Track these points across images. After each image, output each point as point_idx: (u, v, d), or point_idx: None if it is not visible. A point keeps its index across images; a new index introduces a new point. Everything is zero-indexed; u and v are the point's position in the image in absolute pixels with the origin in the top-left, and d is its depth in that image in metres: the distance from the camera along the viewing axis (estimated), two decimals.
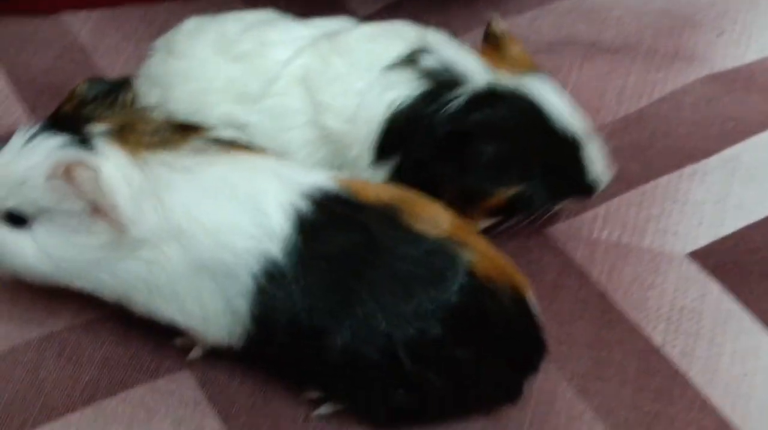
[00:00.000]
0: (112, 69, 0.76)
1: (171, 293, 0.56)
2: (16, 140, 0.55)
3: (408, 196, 0.56)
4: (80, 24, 0.78)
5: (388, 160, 0.59)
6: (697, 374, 0.59)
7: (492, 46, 0.61)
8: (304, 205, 0.54)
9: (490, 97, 0.57)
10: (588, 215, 0.66)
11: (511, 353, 0.57)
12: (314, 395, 0.59)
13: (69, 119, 0.56)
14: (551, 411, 0.59)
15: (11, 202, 0.54)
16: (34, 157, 0.53)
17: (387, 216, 0.55)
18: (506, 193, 0.59)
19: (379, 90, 0.59)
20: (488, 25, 0.62)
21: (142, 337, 0.62)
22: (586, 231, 0.65)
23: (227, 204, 0.54)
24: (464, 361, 0.55)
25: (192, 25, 0.65)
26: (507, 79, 0.58)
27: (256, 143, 0.59)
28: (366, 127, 0.58)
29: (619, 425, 0.58)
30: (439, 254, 0.54)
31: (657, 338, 0.61)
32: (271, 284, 0.54)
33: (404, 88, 0.58)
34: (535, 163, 0.59)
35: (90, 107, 0.56)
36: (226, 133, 0.58)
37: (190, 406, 0.59)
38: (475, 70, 0.58)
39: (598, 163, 0.59)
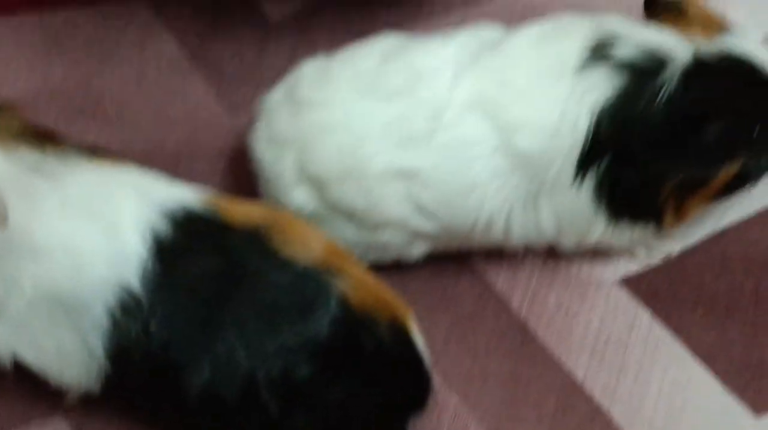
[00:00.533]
0: (4, 79, 0.75)
1: (20, 325, 0.54)
2: None
3: (280, 216, 0.55)
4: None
5: (594, 171, 0.56)
6: (619, 412, 0.58)
7: (672, 13, 0.58)
8: (164, 226, 0.53)
9: (703, 70, 0.55)
10: None
11: (392, 390, 0.56)
12: None
13: None
14: None
15: None
16: None
17: (254, 239, 0.53)
18: (732, 170, 0.57)
19: (579, 94, 0.56)
20: None
21: (16, 381, 0.59)
22: (509, 254, 0.63)
23: (82, 222, 0.53)
24: (337, 402, 0.54)
25: (313, 68, 0.60)
26: (709, 46, 0.56)
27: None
28: (571, 138, 0.55)
29: None
30: (308, 282, 0.53)
31: (579, 372, 0.60)
32: (126, 316, 0.52)
33: (605, 86, 0.56)
34: (758, 128, 0.57)
35: None
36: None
37: None
38: (674, 46, 0.56)
39: None
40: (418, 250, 0.60)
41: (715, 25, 0.57)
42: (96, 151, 0.56)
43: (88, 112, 0.74)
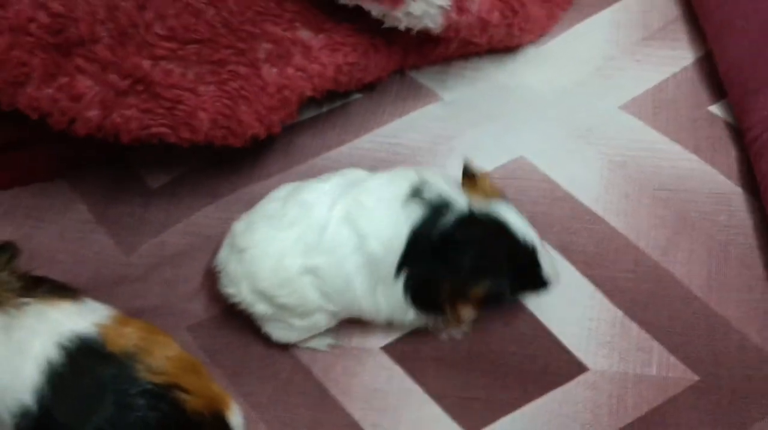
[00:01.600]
0: None
1: None
2: None
3: (150, 340, 0.56)
4: None
5: (404, 272, 0.63)
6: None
7: (469, 180, 0.65)
8: (58, 356, 0.53)
9: (471, 219, 0.62)
10: None
11: None
12: None
13: None
14: None
15: None
16: None
17: (123, 365, 0.54)
18: (483, 288, 0.62)
19: (403, 218, 0.62)
20: (464, 166, 0.66)
21: None
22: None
23: (8, 354, 0.54)
24: None
25: (241, 224, 0.66)
26: (481, 206, 0.63)
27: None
28: (397, 246, 0.62)
29: None
30: (155, 399, 0.53)
31: (357, 414, 0.63)
32: (24, 420, 0.53)
33: (416, 214, 0.62)
34: (503, 265, 0.62)
35: None
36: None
37: None
38: (458, 199, 0.63)
39: (549, 266, 0.63)
40: (332, 323, 0.66)
41: (493, 195, 0.64)
42: (40, 284, 0.57)
43: (29, 259, 0.65)
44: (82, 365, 0.54)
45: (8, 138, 0.75)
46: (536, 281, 0.64)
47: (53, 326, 0.55)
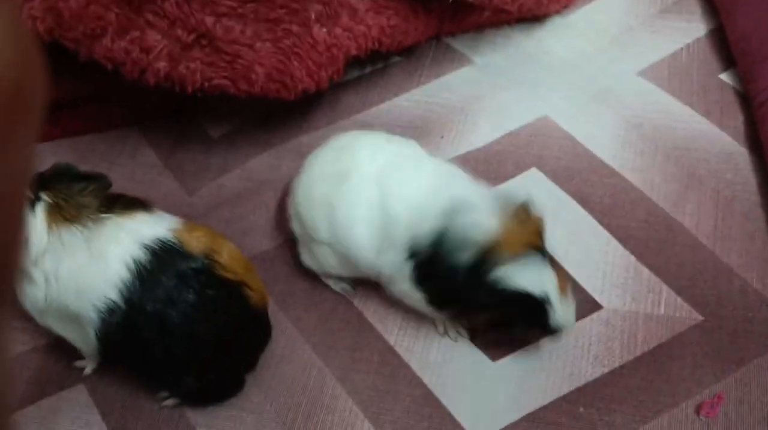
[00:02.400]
0: None
1: (52, 314, 0.56)
2: None
3: (217, 242, 0.57)
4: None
5: (416, 263, 0.58)
6: (416, 362, 0.62)
7: (519, 218, 0.56)
8: (142, 254, 0.54)
9: (493, 262, 0.55)
10: None
11: (254, 333, 0.59)
12: (164, 394, 0.60)
13: (37, 180, 0.55)
14: (320, 397, 0.60)
15: None
16: None
17: (203, 261, 0.55)
18: (492, 319, 0.58)
19: (434, 211, 0.56)
20: (524, 203, 0.57)
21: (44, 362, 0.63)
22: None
23: (91, 261, 0.54)
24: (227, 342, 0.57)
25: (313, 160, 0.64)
26: (511, 253, 0.55)
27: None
28: (419, 224, 0.57)
29: (363, 401, 0.60)
30: (228, 289, 0.55)
31: (392, 339, 0.63)
32: (109, 315, 0.54)
33: (446, 222, 0.56)
34: (514, 312, 0.56)
35: (55, 181, 0.56)
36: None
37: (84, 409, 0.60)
38: (490, 228, 0.55)
39: (563, 314, 0.56)
40: (343, 271, 0.63)
41: (532, 241, 0.56)
42: (116, 201, 0.56)
43: None
44: (165, 262, 0.54)
45: (86, 91, 0.75)
46: (546, 327, 0.57)
47: (134, 232, 0.55)
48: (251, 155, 0.76)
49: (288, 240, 0.70)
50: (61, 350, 0.62)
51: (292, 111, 0.78)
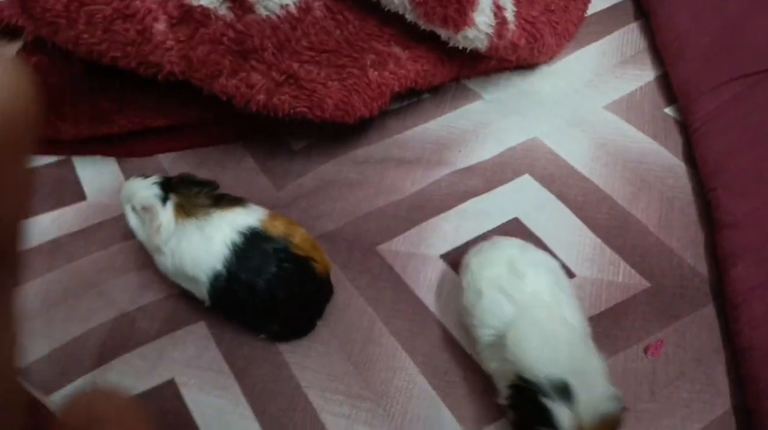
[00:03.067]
0: None
1: (178, 276, 0.58)
2: (145, 180, 0.58)
3: (292, 228, 0.57)
4: (166, 160, 0.78)
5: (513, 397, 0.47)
6: (439, 312, 0.61)
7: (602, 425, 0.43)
8: (238, 239, 0.55)
9: None
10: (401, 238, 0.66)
11: (319, 293, 0.59)
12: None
13: (168, 184, 0.57)
14: (370, 335, 0.60)
15: (136, 205, 0.58)
16: (145, 191, 0.57)
17: (282, 242, 0.56)
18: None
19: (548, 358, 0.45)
20: (613, 412, 0.43)
21: (175, 306, 0.63)
22: (391, 246, 0.66)
23: (201, 243, 0.55)
24: (298, 300, 0.57)
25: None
26: None
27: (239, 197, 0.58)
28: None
29: (402, 339, 0.59)
30: (297, 259, 0.56)
31: (422, 296, 0.62)
32: (216, 280, 0.55)
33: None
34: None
35: (181, 185, 0.57)
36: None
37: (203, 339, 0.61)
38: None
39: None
40: None
41: None
42: (222, 199, 0.57)
43: None
44: (254, 243, 0.55)
45: (206, 116, 0.76)
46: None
47: (233, 222, 0.56)
48: (321, 163, 0.76)
49: (348, 224, 0.70)
50: (187, 298, 0.63)
51: (350, 131, 0.78)
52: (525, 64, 0.84)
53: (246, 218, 0.56)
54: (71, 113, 0.70)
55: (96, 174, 0.77)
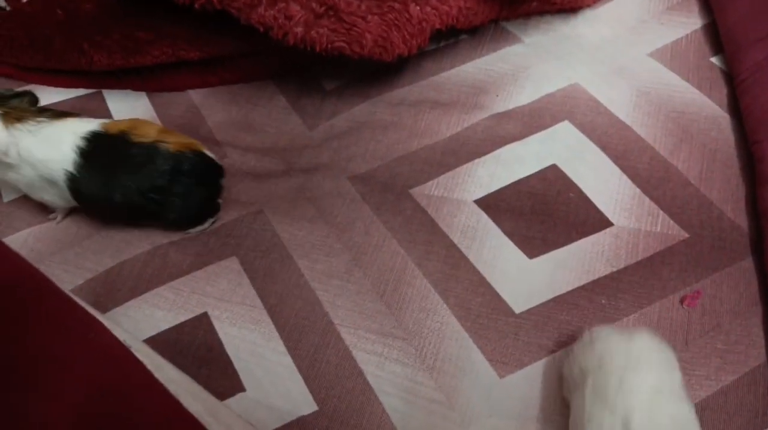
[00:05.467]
0: (212, 117, 0.76)
1: (33, 189, 0.60)
2: None
3: (137, 124, 0.58)
4: (197, 96, 0.78)
5: None
6: (473, 256, 0.62)
7: None
8: (83, 143, 0.57)
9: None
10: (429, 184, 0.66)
11: (205, 182, 0.60)
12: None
13: None
14: (403, 276, 0.60)
15: None
16: None
17: (122, 136, 0.57)
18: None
19: None
20: None
21: (205, 242, 0.62)
22: (425, 189, 0.66)
23: (49, 147, 0.57)
24: (179, 194, 0.58)
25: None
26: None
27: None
28: None
29: (434, 281, 0.59)
30: (147, 148, 0.57)
31: (456, 239, 0.63)
32: (70, 182, 0.57)
33: None
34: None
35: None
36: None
37: (236, 274, 0.61)
38: None
39: None
40: None
41: None
42: (62, 113, 0.59)
43: (246, 127, 0.75)
44: (98, 143, 0.57)
45: (240, 49, 0.75)
46: None
47: (72, 128, 0.58)
48: (355, 104, 0.75)
49: (381, 166, 0.69)
50: (215, 234, 0.63)
51: (385, 72, 0.77)
52: (568, 8, 0.81)
53: (85, 124, 0.58)
54: (105, 42, 0.69)
55: (128, 108, 0.77)
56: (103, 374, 0.35)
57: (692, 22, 0.80)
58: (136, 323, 0.58)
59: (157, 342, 0.57)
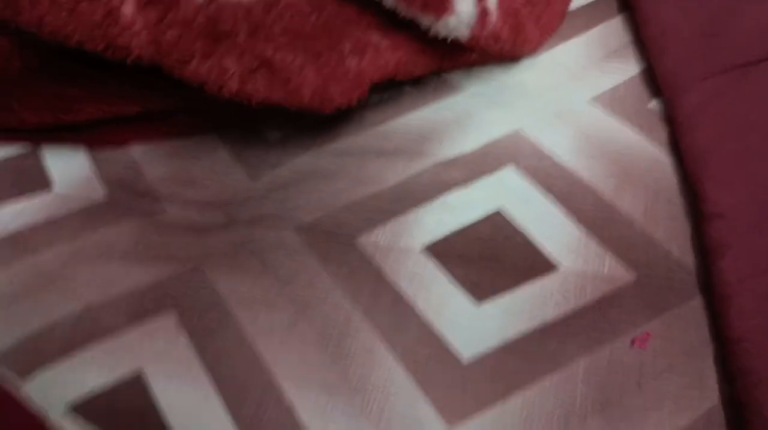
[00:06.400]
0: (153, 172, 0.74)
1: None
2: None
3: None
4: (137, 151, 0.76)
5: None
6: (421, 304, 0.60)
7: None
8: None
9: None
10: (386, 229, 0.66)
11: None
12: None
13: None
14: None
15: None
16: None
17: None
18: None
19: None
20: None
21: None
22: (371, 238, 0.65)
23: None
24: None
25: None
26: None
27: None
28: None
29: (376, 325, 0.58)
30: None
31: (402, 287, 0.61)
32: None
33: None
34: None
35: None
36: None
37: None
38: None
39: None
40: None
41: None
42: None
43: (187, 181, 0.73)
44: None
45: (179, 103, 0.74)
46: None
47: None
48: (298, 154, 0.75)
49: (326, 215, 0.68)
50: (155, 290, 0.62)
51: (328, 122, 0.77)
52: (508, 57, 0.83)
53: None
54: (35, 101, 0.68)
55: (66, 167, 0.75)
56: None
57: (630, 69, 0.83)
58: (65, 388, 0.55)
59: (87, 408, 0.54)
